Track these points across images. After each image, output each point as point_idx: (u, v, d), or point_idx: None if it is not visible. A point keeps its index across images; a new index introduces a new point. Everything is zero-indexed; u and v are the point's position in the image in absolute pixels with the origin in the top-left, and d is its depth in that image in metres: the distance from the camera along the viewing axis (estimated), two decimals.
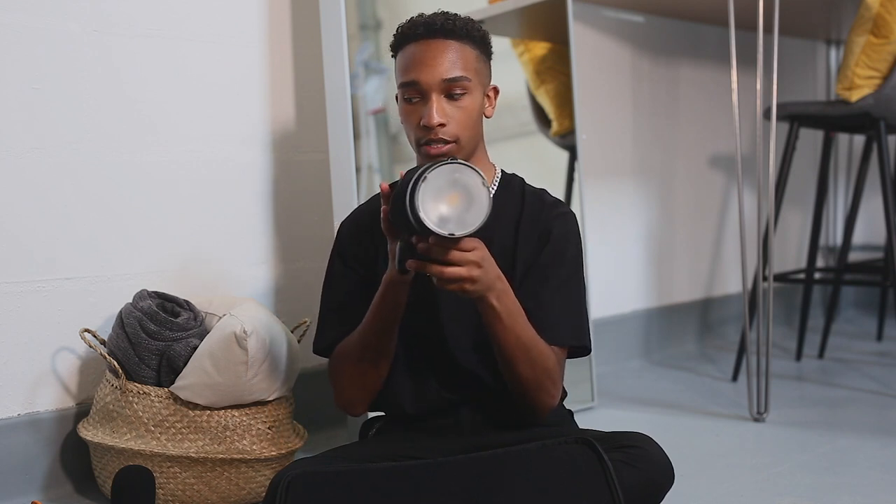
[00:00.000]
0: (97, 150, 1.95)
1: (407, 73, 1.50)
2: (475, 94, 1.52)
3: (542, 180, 1.69)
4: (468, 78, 1.50)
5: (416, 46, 1.51)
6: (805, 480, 1.87)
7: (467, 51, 1.52)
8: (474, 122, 1.53)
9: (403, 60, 1.52)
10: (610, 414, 2.46)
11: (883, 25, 2.52)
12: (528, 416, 1.55)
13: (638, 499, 1.38)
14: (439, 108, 1.48)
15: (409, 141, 1.56)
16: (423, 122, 1.48)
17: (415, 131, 1.51)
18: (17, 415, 1.87)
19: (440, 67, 1.48)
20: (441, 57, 1.49)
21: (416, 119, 1.50)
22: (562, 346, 1.53)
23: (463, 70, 1.50)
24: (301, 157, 2.28)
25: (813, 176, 3.38)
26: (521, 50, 2.64)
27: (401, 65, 1.53)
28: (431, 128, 1.48)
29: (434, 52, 1.49)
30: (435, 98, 1.48)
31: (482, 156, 1.60)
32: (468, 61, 1.51)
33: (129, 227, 2.00)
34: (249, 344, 1.73)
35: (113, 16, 1.96)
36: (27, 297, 1.87)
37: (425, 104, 1.49)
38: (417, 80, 1.49)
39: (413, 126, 1.51)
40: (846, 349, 3.29)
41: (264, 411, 1.81)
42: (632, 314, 3.13)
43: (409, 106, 1.51)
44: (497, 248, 1.51)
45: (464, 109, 1.50)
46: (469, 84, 1.50)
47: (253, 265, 2.21)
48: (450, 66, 1.49)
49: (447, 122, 1.48)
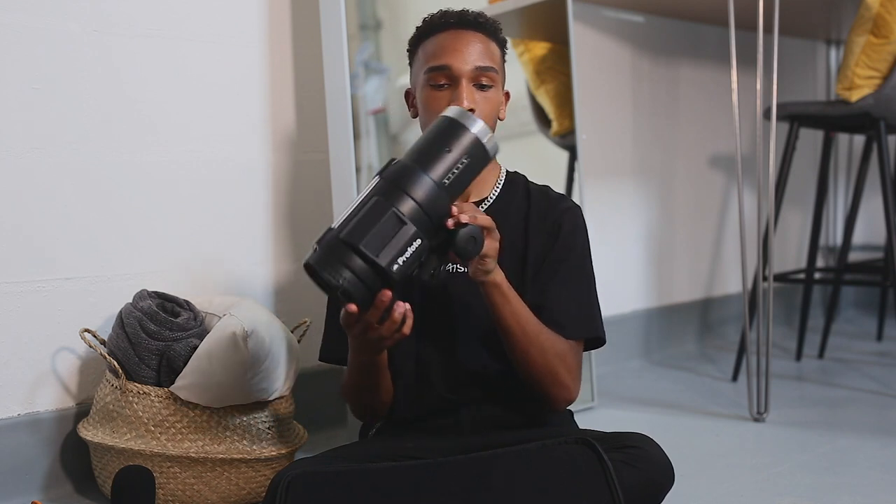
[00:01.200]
0: (97, 150, 1.95)
1: (438, 58, 1.51)
2: (498, 90, 1.55)
3: (542, 180, 1.69)
4: (496, 70, 1.53)
5: (447, 34, 1.53)
6: (805, 480, 1.87)
7: (494, 47, 1.55)
8: (494, 117, 1.54)
9: (433, 47, 1.53)
10: (610, 414, 2.46)
11: (883, 25, 2.52)
12: (537, 415, 1.56)
13: (638, 499, 1.38)
14: (469, 94, 1.49)
15: (426, 127, 1.53)
16: (454, 105, 1.47)
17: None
18: (17, 415, 1.87)
19: (473, 55, 1.51)
20: (473, 46, 1.51)
21: (443, 104, 1.50)
22: (577, 340, 1.54)
23: (493, 62, 1.53)
24: (301, 157, 2.28)
25: (813, 176, 3.38)
26: (521, 50, 2.64)
27: (430, 51, 1.53)
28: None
29: (467, 40, 1.52)
30: (465, 84, 1.50)
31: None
32: (496, 57, 1.55)
33: (129, 227, 2.00)
34: (249, 344, 1.73)
35: (113, 16, 1.96)
36: (27, 297, 1.87)
37: (453, 90, 1.50)
38: (450, 64, 1.50)
39: (440, 111, 1.48)
40: (846, 349, 3.29)
41: (264, 411, 1.81)
42: (632, 314, 3.13)
43: (437, 92, 1.52)
44: (507, 245, 1.51)
45: (489, 101, 1.52)
46: (496, 77, 1.53)
47: (253, 265, 2.21)
48: (481, 56, 1.51)
49: (475, 109, 1.49)
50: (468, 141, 1.33)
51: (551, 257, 1.55)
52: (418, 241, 1.27)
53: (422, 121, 1.56)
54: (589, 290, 1.57)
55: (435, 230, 1.31)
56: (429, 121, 1.52)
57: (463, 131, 1.33)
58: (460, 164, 1.32)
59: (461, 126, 1.34)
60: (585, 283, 1.57)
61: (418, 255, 1.28)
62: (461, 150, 1.33)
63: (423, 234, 1.28)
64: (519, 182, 1.64)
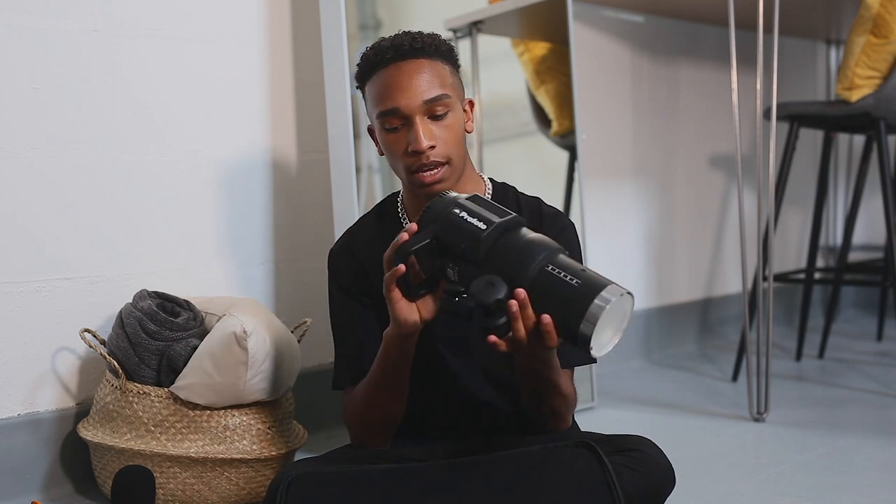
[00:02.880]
0: (97, 150, 1.95)
1: (384, 102, 1.44)
2: (457, 111, 1.47)
3: (542, 180, 1.68)
4: (448, 95, 1.44)
5: (387, 72, 1.44)
6: (805, 480, 1.87)
7: (440, 67, 1.46)
8: (460, 140, 1.47)
9: (377, 89, 1.45)
10: (610, 414, 2.46)
11: (883, 25, 2.52)
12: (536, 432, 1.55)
13: (639, 502, 1.37)
14: (426, 131, 1.42)
15: (395, 172, 1.49)
16: (412, 148, 1.42)
17: (403, 159, 1.44)
18: (17, 415, 1.87)
19: (419, 89, 1.42)
20: (417, 78, 1.43)
21: (402, 147, 1.44)
22: (573, 367, 1.52)
23: (441, 88, 1.44)
24: (301, 157, 2.28)
25: (813, 176, 3.38)
26: (521, 50, 2.64)
27: (375, 94, 1.46)
28: (421, 152, 1.42)
29: (408, 74, 1.43)
30: (419, 121, 1.42)
31: (470, 171, 1.55)
32: (444, 78, 1.46)
33: (130, 226, 2.00)
34: (249, 344, 1.73)
35: (113, 16, 1.96)
36: (27, 297, 1.87)
37: (409, 130, 1.43)
38: (397, 106, 1.42)
39: (400, 154, 1.45)
40: (846, 349, 3.29)
41: (264, 411, 1.81)
42: (632, 314, 3.12)
43: (392, 135, 1.45)
44: None
45: (449, 128, 1.44)
46: (450, 101, 1.45)
47: (253, 265, 2.21)
48: (428, 87, 1.43)
49: (436, 144, 1.43)
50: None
51: None
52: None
53: (388, 161, 1.50)
54: None
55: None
56: (392, 164, 1.48)
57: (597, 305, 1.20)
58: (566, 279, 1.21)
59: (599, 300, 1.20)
60: None
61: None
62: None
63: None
64: (508, 195, 1.59)
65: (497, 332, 1.22)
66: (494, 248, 1.24)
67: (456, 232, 1.26)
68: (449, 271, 1.28)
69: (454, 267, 1.27)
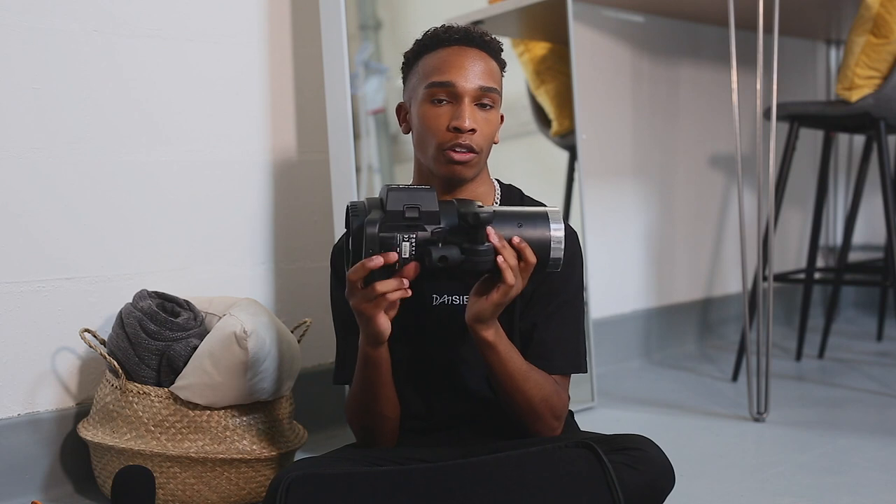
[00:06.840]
0: (97, 150, 1.95)
1: (441, 74, 1.47)
2: (498, 112, 1.52)
3: (542, 180, 1.69)
4: (498, 92, 1.50)
5: (453, 50, 1.49)
6: (805, 480, 1.87)
7: (496, 68, 1.52)
8: (492, 139, 1.51)
9: (435, 62, 1.49)
10: (610, 414, 2.46)
11: (883, 25, 2.52)
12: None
13: (639, 501, 1.37)
14: (472, 114, 1.46)
15: (420, 148, 1.51)
16: (455, 124, 1.45)
17: (440, 134, 1.46)
18: (17, 415, 1.87)
19: (477, 74, 1.47)
20: (478, 65, 1.48)
21: (443, 122, 1.46)
22: (562, 375, 1.53)
23: (495, 83, 1.50)
24: (301, 157, 2.28)
25: (813, 176, 3.38)
26: (521, 50, 2.64)
27: (432, 66, 1.49)
28: (463, 131, 1.45)
29: (472, 59, 1.48)
30: (468, 103, 1.46)
31: (486, 174, 1.58)
32: (497, 77, 1.52)
33: (130, 226, 2.00)
34: (249, 344, 1.73)
35: (113, 15, 1.96)
36: (27, 297, 1.87)
37: (454, 107, 1.46)
38: (454, 82, 1.46)
39: (439, 128, 1.46)
40: (846, 349, 3.29)
41: (264, 411, 1.81)
42: (632, 314, 3.13)
43: (436, 108, 1.47)
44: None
45: (489, 122, 1.49)
46: (497, 98, 1.50)
47: (253, 265, 2.21)
48: (485, 76, 1.48)
49: (477, 129, 1.46)
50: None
51: (546, 288, 1.52)
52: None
53: (416, 137, 1.52)
54: (578, 324, 1.55)
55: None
56: (424, 137, 1.49)
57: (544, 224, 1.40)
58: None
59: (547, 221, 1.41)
60: (575, 318, 1.55)
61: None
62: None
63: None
64: (514, 197, 1.61)
65: (484, 262, 1.34)
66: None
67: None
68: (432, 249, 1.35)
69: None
